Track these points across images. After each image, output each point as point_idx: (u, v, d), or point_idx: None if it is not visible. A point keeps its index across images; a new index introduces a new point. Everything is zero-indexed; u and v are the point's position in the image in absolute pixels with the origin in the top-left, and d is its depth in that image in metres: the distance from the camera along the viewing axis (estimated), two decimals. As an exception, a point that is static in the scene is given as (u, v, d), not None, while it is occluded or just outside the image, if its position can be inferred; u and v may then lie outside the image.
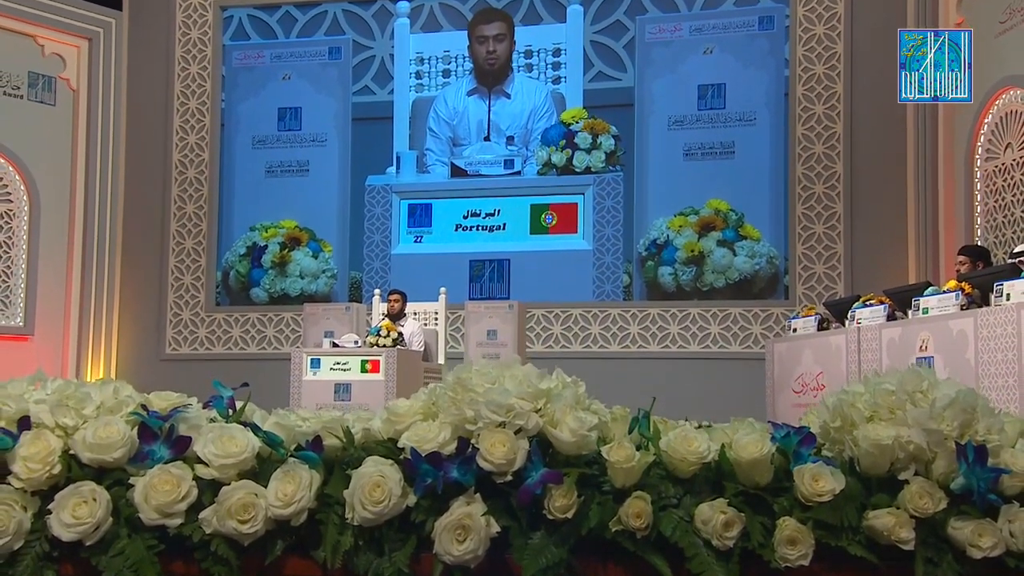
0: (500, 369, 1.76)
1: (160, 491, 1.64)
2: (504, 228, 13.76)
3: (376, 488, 1.63)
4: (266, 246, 14.31)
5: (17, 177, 13.72)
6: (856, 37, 12.85)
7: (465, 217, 13.91)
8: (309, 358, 10.20)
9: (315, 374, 10.13)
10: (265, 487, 1.66)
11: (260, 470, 1.70)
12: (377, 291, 12.27)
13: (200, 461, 1.69)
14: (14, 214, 13.73)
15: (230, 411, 1.78)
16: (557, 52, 13.94)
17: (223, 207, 14.56)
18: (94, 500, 1.64)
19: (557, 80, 13.93)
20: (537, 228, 13.67)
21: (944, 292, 7.28)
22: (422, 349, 11.10)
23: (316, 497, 1.67)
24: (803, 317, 9.19)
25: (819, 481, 1.65)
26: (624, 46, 13.70)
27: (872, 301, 8.13)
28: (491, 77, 14.14)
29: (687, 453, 1.68)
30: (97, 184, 14.35)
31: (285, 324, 14.05)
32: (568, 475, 1.65)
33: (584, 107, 13.75)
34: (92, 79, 14.34)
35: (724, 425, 1.78)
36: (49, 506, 1.64)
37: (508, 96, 14.04)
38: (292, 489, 1.65)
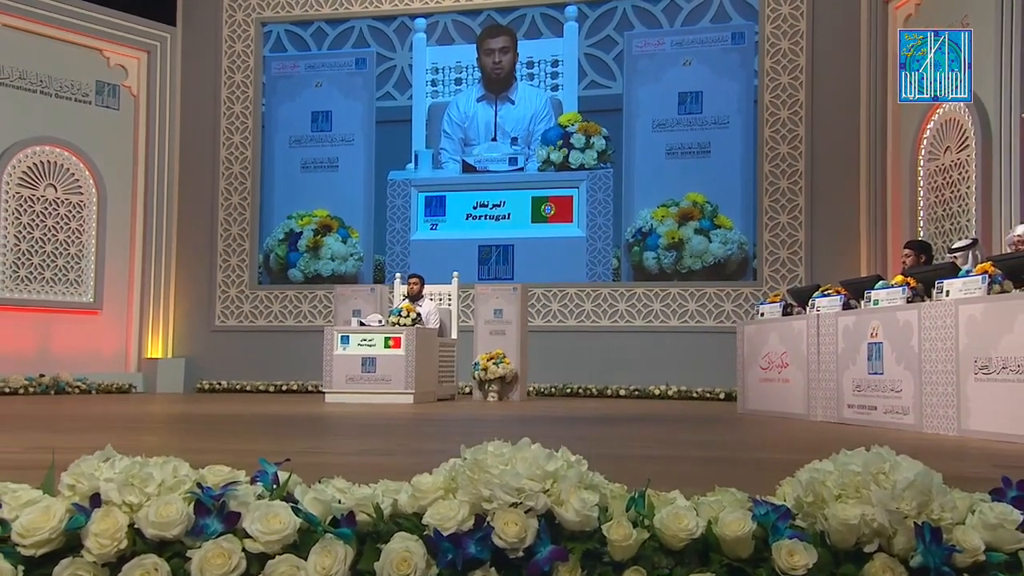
0: (513, 451, 1.73)
1: (213, 564, 1.61)
2: (509, 217, 13.68)
3: (403, 563, 1.61)
4: (301, 232, 14.26)
5: (87, 173, 13.67)
6: (817, 51, 12.72)
7: (475, 208, 13.83)
8: (339, 335, 10.18)
9: (345, 349, 10.11)
10: (305, 559, 1.63)
11: (301, 542, 1.67)
12: (398, 274, 12.23)
13: (248, 535, 1.66)
14: (84, 205, 13.69)
15: (275, 486, 1.75)
16: (555, 63, 13.80)
17: (264, 198, 14.49)
18: (156, 571, 1.61)
19: (555, 88, 13.80)
20: (537, 217, 13.60)
21: (892, 286, 7.25)
22: (437, 326, 11.07)
23: (350, 569, 1.64)
24: (770, 303, 9.14)
25: (794, 556, 1.62)
26: (614, 58, 13.56)
27: (830, 291, 8.08)
28: (497, 85, 14.01)
29: (678, 530, 1.65)
30: (155, 178, 14.29)
31: (318, 300, 14.03)
32: (573, 551, 1.62)
33: (579, 111, 13.63)
34: (151, 86, 14.25)
35: (711, 499, 1.74)
36: (117, 576, 1.62)
37: (512, 102, 13.91)
38: (329, 563, 1.62)
